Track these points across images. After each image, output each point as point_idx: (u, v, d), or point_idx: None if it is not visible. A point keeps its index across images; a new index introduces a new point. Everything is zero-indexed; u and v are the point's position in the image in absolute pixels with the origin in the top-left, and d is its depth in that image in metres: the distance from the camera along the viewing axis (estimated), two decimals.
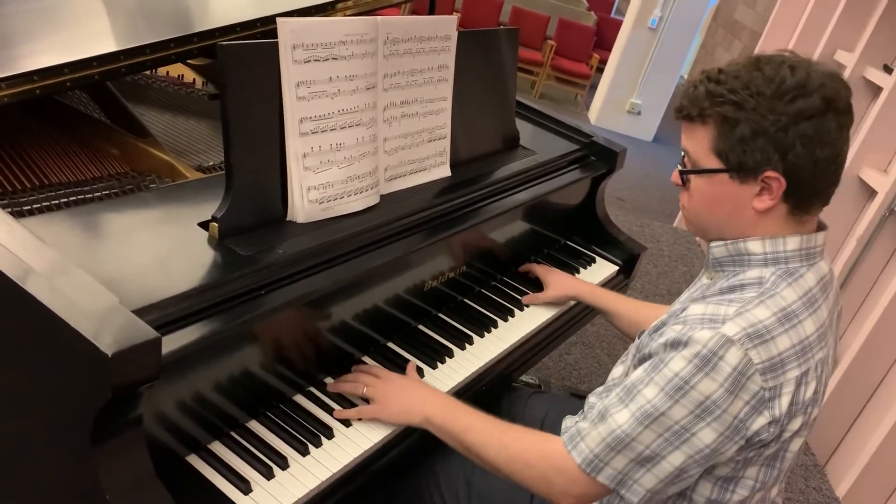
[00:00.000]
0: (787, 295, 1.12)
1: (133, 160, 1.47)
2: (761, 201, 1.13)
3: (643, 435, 1.11)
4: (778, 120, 1.07)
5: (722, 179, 1.15)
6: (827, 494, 2.70)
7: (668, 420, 1.09)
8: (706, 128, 1.14)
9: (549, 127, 2.11)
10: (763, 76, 1.09)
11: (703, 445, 1.09)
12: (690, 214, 1.23)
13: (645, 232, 4.39)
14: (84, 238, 1.15)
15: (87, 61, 1.29)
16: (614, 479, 1.14)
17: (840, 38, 3.73)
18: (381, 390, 1.30)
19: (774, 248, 1.15)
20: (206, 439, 1.16)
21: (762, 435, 1.10)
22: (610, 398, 1.17)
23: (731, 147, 1.11)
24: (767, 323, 1.09)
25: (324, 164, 1.32)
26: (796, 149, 1.08)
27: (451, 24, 1.56)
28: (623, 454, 1.12)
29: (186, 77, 1.98)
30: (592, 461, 1.14)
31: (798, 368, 1.11)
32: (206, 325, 1.06)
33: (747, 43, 8.13)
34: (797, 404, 1.12)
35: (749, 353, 1.07)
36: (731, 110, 1.10)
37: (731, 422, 1.08)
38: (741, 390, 1.07)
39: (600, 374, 2.95)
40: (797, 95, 1.07)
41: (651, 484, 1.13)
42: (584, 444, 1.15)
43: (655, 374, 1.11)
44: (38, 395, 0.98)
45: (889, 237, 2.95)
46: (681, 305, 1.23)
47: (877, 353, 2.75)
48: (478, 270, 1.72)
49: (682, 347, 1.09)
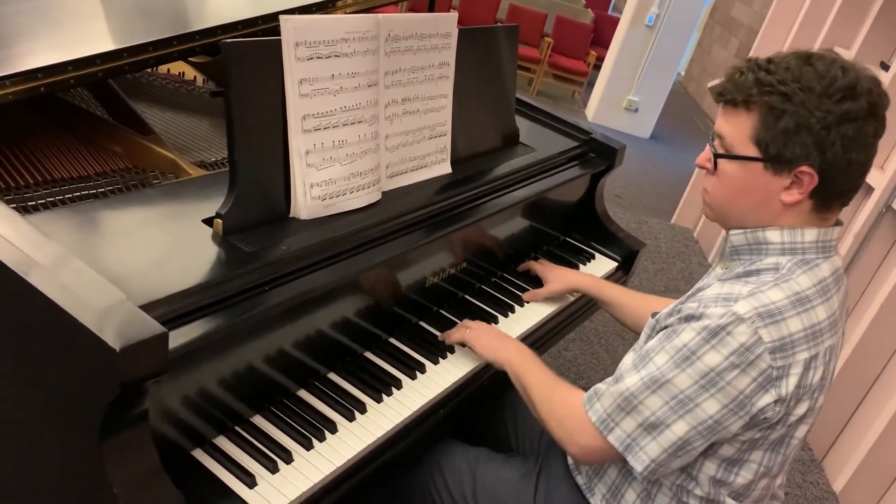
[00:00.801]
0: (802, 281, 1.15)
1: (136, 157, 1.48)
2: (790, 195, 1.14)
3: (650, 399, 1.15)
4: (824, 118, 1.08)
5: (756, 168, 1.15)
6: (824, 489, 2.72)
7: (673, 388, 1.13)
8: (749, 115, 1.14)
9: (548, 124, 2.12)
10: (815, 72, 1.10)
11: (706, 416, 1.12)
12: (714, 200, 1.24)
13: (643, 229, 4.40)
14: (90, 234, 1.16)
15: (90, 59, 1.30)
16: (623, 441, 1.18)
17: (837, 35, 3.74)
18: (482, 327, 1.52)
19: (792, 238, 1.17)
20: (210, 434, 1.17)
21: (767, 413, 1.13)
22: (626, 363, 1.23)
23: (773, 137, 1.12)
24: (780, 304, 1.11)
25: (326, 161, 1.33)
26: (835, 148, 1.09)
27: (452, 21, 1.57)
28: (631, 416, 1.17)
29: (187, 75, 1.98)
30: (605, 420, 1.20)
31: (807, 352, 1.13)
32: (211, 321, 1.07)
33: (744, 40, 8.15)
34: (804, 387, 1.14)
35: (759, 331, 1.09)
36: (778, 101, 1.10)
37: (735, 395, 1.11)
38: (749, 366, 1.10)
39: (598, 370, 2.97)
40: (846, 96, 1.08)
41: (655, 453, 1.16)
42: (599, 404, 1.22)
43: (667, 342, 1.16)
44: (46, 390, 0.99)
45: (886, 233, 2.97)
46: (694, 291, 1.25)
47: (874, 349, 2.77)
48: (478, 267, 1.73)
49: (695, 321, 1.13)
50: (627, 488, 1.30)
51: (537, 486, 1.40)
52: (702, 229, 4.51)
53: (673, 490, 1.26)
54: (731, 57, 8.47)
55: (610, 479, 1.33)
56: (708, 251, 4.36)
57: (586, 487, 1.38)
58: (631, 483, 1.30)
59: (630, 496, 1.30)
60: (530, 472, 1.43)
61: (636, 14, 6.70)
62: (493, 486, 1.41)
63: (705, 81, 9.26)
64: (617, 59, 6.86)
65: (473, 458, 1.46)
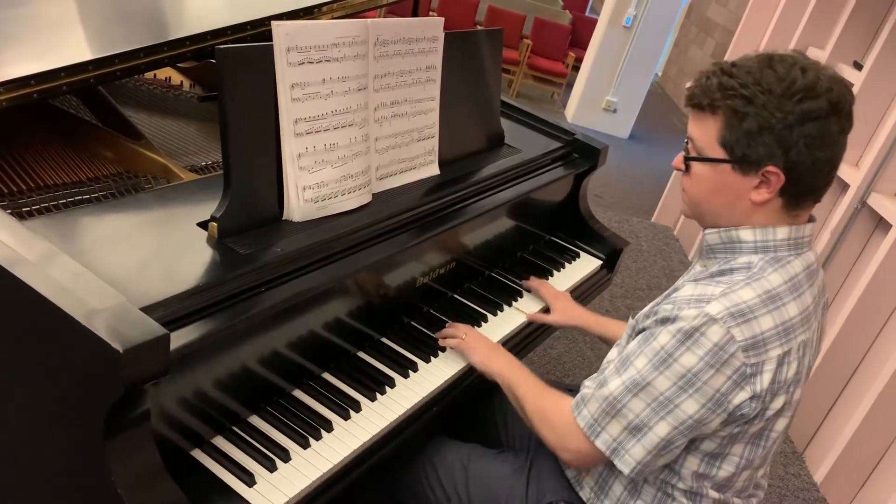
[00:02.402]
0: (773, 279, 1.18)
1: (127, 162, 1.49)
2: (759, 194, 1.18)
3: (632, 403, 1.19)
4: (785, 118, 1.12)
5: (724, 169, 1.19)
6: (805, 480, 2.77)
7: (654, 390, 1.17)
8: (715, 118, 1.18)
9: (532, 125, 2.16)
10: (775, 74, 1.14)
11: (687, 416, 1.16)
12: (689, 199, 1.28)
13: (624, 228, 4.45)
14: (86, 239, 1.17)
15: (83, 65, 1.31)
16: (609, 446, 1.22)
17: (811, 35, 3.81)
18: (476, 338, 1.54)
19: (765, 236, 1.21)
20: (209, 434, 1.19)
21: (744, 409, 1.16)
22: (609, 368, 1.26)
23: (737, 139, 1.16)
24: (751, 303, 1.15)
25: (318, 164, 1.35)
26: (798, 147, 1.13)
27: (439, 25, 1.60)
28: (616, 420, 1.21)
29: (173, 79, 1.99)
30: (592, 425, 1.23)
31: (780, 348, 1.16)
32: (209, 323, 1.09)
33: (720, 40, 8.25)
34: (778, 382, 1.17)
35: (731, 330, 1.12)
36: (741, 104, 1.14)
37: (712, 394, 1.14)
38: (723, 365, 1.13)
39: (583, 367, 3.00)
40: (805, 97, 1.12)
41: (640, 455, 1.20)
42: (586, 409, 1.25)
43: (646, 346, 1.19)
44: (48, 393, 1.00)
45: (861, 229, 3.03)
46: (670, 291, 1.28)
47: (851, 342, 2.83)
48: (466, 266, 1.76)
49: (670, 323, 1.17)
50: (614, 481, 1.34)
51: (528, 480, 1.43)
52: (682, 227, 4.57)
53: (657, 484, 1.29)
54: (708, 57, 8.57)
55: (597, 472, 1.36)
56: (688, 249, 4.42)
57: (575, 481, 1.41)
58: (618, 476, 1.33)
59: (617, 489, 1.33)
60: (521, 467, 1.46)
61: (614, 15, 6.76)
62: (485, 482, 1.44)
63: (682, 82, 9.36)
64: (595, 60, 6.92)
65: (465, 454, 1.48)
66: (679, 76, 9.61)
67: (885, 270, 2.71)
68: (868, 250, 3.04)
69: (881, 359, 2.70)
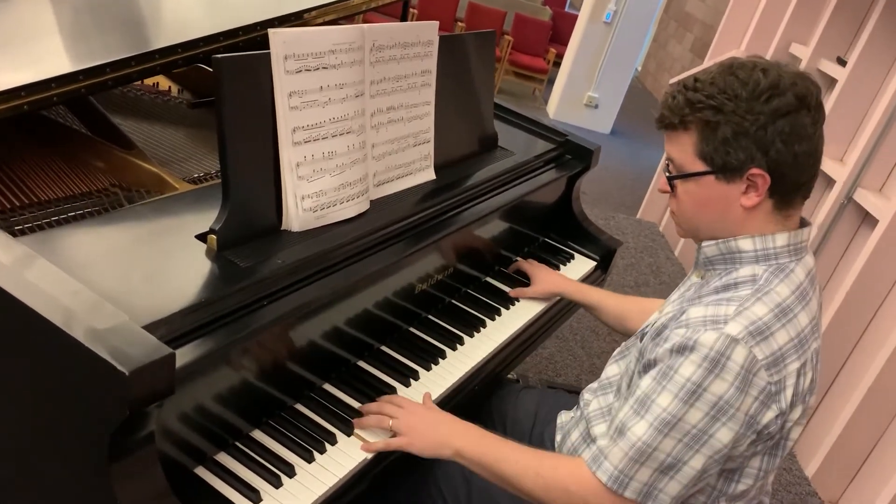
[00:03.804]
0: (781, 290, 1.17)
1: (120, 173, 1.46)
2: (748, 198, 1.18)
3: (664, 443, 1.13)
4: (757, 119, 1.13)
5: (709, 182, 1.19)
6: (797, 475, 2.80)
7: (686, 425, 1.12)
8: (688, 133, 1.19)
9: (524, 127, 2.15)
10: (738, 80, 1.15)
11: (722, 445, 1.12)
12: (681, 218, 1.28)
13: (610, 225, 4.46)
14: (83, 255, 1.14)
15: (73, 75, 1.28)
16: (640, 492, 1.16)
17: (794, 32, 3.83)
18: (408, 423, 1.28)
19: (764, 244, 1.20)
20: (212, 451, 1.17)
21: (770, 428, 1.15)
22: (624, 412, 1.19)
23: (715, 149, 1.16)
24: (766, 319, 1.13)
25: (317, 173, 1.33)
26: (776, 145, 1.13)
27: (433, 29, 1.58)
28: (647, 465, 1.15)
29: (161, 85, 1.96)
30: (618, 478, 1.16)
31: (797, 361, 1.15)
32: (213, 339, 1.07)
33: (699, 35, 8.30)
34: (798, 395, 1.17)
35: (753, 350, 1.11)
36: (711, 114, 1.15)
37: (743, 419, 1.12)
38: (750, 387, 1.11)
39: (574, 367, 3.01)
40: (772, 95, 1.13)
41: (676, 490, 1.16)
42: (607, 463, 1.17)
43: (667, 381, 1.14)
44: (50, 416, 0.98)
45: (847, 224, 3.05)
46: (676, 308, 1.26)
47: (839, 338, 2.85)
48: (464, 271, 1.74)
49: (689, 352, 1.12)
50: None
51: None
52: (668, 223, 4.59)
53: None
54: (687, 52, 8.62)
55: None
56: (674, 244, 4.44)
57: None
58: None
59: None
60: None
61: (594, 11, 6.77)
62: (487, 491, 1.42)
63: (662, 76, 9.41)
64: (576, 56, 6.93)
65: None
66: (658, 71, 9.65)
67: (871, 266, 2.73)
68: (854, 246, 3.06)
69: (870, 353, 2.73)
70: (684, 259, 4.26)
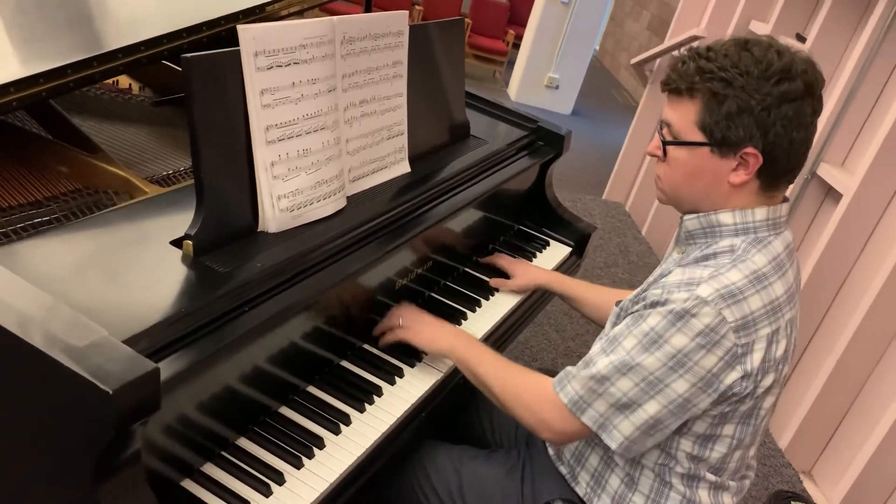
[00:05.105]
0: (758, 259, 1.19)
1: (85, 177, 1.41)
2: (737, 176, 1.19)
3: (620, 382, 1.19)
4: (764, 99, 1.13)
5: (702, 153, 1.20)
6: (771, 447, 2.85)
7: (643, 370, 1.17)
8: (693, 101, 1.18)
9: (495, 114, 2.13)
10: (752, 57, 1.14)
11: (676, 395, 1.16)
12: (666, 185, 1.28)
13: (577, 207, 4.47)
14: (56, 268, 1.09)
15: (33, 78, 1.22)
16: (596, 421, 1.22)
17: (753, 8, 3.86)
18: (415, 319, 1.48)
19: (744, 218, 1.21)
20: (198, 462, 1.14)
21: (735, 389, 1.18)
22: (595, 348, 1.26)
23: (717, 122, 1.16)
24: (740, 284, 1.15)
25: (292, 172, 1.29)
26: (776, 128, 1.14)
27: (403, 19, 1.55)
28: (603, 398, 1.20)
29: (121, 83, 1.90)
30: (577, 401, 1.23)
31: (769, 327, 1.18)
32: (195, 349, 1.04)
33: (656, 12, 8.33)
34: (769, 361, 1.19)
35: (723, 311, 1.13)
36: (720, 86, 1.15)
37: (703, 375, 1.15)
38: (714, 346, 1.14)
39: (550, 350, 3.02)
40: (783, 78, 1.13)
41: (628, 431, 1.20)
42: (570, 386, 1.24)
43: (634, 327, 1.19)
44: (36, 438, 0.94)
45: (811, 199, 3.10)
46: (655, 277, 1.29)
47: (807, 312, 2.89)
48: (443, 263, 1.72)
49: (660, 306, 1.17)
50: (610, 475, 1.33)
51: (523, 479, 1.42)
52: (633, 202, 4.62)
53: (655, 471, 1.29)
54: (644, 30, 8.65)
55: (592, 467, 1.36)
56: (641, 224, 4.47)
57: (570, 476, 1.40)
58: (613, 469, 1.33)
59: (614, 482, 1.33)
60: (514, 467, 1.44)
61: None
62: (479, 484, 1.42)
63: (619, 55, 9.45)
64: (535, 37, 6.91)
65: (456, 457, 1.46)
66: (616, 50, 9.69)
67: (836, 240, 2.78)
68: (819, 221, 3.11)
69: (839, 323, 2.77)
70: (652, 239, 4.29)
